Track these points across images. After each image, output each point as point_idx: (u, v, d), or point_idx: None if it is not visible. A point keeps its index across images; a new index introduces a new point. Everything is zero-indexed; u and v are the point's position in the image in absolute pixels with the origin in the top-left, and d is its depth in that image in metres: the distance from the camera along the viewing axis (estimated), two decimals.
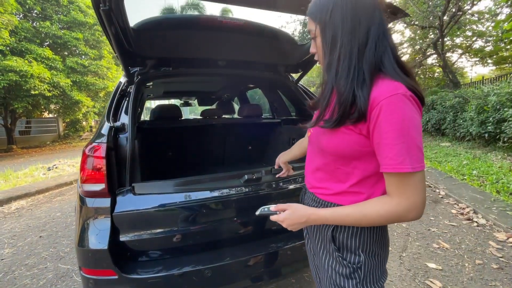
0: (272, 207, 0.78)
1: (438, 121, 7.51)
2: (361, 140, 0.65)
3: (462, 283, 1.83)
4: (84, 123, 15.74)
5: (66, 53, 12.31)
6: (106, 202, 1.14)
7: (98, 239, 1.12)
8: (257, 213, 0.80)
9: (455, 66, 14.24)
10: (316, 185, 0.81)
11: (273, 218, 0.77)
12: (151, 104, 5.18)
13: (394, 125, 0.58)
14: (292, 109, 2.60)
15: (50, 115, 14.84)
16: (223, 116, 3.18)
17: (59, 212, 3.60)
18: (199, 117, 2.78)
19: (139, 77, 1.62)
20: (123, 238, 1.17)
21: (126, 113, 1.43)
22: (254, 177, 1.32)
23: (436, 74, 15.05)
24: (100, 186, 1.15)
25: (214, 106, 4.28)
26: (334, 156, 0.72)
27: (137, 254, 1.25)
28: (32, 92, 9.14)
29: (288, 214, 0.74)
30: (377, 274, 0.74)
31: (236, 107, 4.15)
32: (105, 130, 1.25)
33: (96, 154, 1.15)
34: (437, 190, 3.91)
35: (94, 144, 1.18)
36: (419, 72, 14.52)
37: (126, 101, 1.52)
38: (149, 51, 1.59)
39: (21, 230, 3.05)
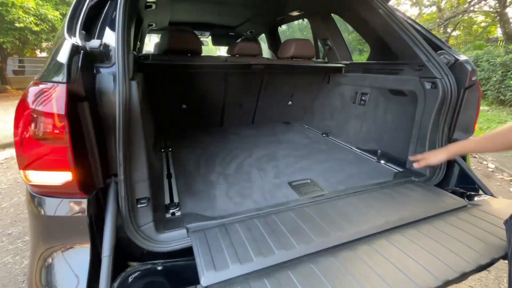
0: None
1: (479, 81, 6.63)
2: None
3: None
4: None
5: None
6: (75, 207, 0.58)
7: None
8: None
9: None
10: None
11: None
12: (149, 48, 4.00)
13: None
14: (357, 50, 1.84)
15: (44, 54, 13.81)
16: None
17: None
18: (226, 55, 2.00)
19: None
20: None
21: (112, 28, 0.76)
22: None
23: (478, 25, 13.14)
24: (62, 176, 0.56)
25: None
26: None
27: None
28: (17, 24, 8.20)
29: None
30: None
31: (264, 46, 3.27)
32: (63, 55, 0.60)
33: (45, 108, 0.54)
34: (485, 162, 3.40)
35: (41, 86, 0.56)
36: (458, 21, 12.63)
37: (111, 8, 0.83)
38: None
39: None
